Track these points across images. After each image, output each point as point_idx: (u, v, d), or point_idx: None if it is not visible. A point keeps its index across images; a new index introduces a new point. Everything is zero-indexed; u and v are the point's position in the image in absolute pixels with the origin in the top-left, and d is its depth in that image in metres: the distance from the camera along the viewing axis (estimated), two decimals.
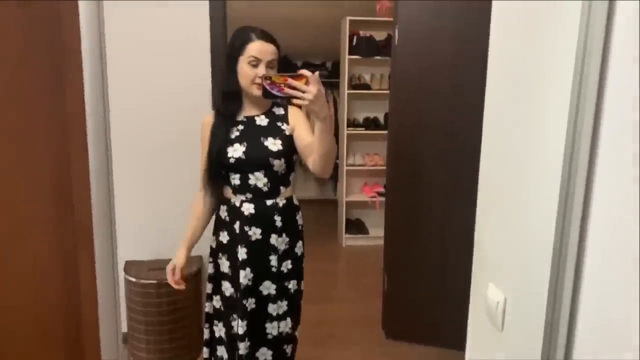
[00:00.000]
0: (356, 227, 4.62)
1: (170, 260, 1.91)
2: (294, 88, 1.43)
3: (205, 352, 1.93)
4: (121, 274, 2.53)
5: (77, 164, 0.74)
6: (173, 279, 1.82)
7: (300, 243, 1.85)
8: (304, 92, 1.42)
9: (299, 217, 1.86)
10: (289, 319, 1.83)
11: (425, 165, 2.75)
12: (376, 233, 4.39)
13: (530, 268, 0.96)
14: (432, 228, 2.76)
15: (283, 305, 1.81)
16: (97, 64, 0.77)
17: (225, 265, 1.83)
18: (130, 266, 2.59)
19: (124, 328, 2.60)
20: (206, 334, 1.92)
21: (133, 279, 2.48)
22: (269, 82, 1.46)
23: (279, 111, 1.80)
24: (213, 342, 1.91)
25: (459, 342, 1.63)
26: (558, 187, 0.83)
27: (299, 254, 1.85)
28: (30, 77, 0.72)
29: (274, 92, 1.46)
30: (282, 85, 1.44)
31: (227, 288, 1.82)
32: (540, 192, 0.92)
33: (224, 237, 1.82)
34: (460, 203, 2.62)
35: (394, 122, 2.85)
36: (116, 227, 2.02)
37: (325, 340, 2.85)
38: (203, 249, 2.77)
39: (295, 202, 1.86)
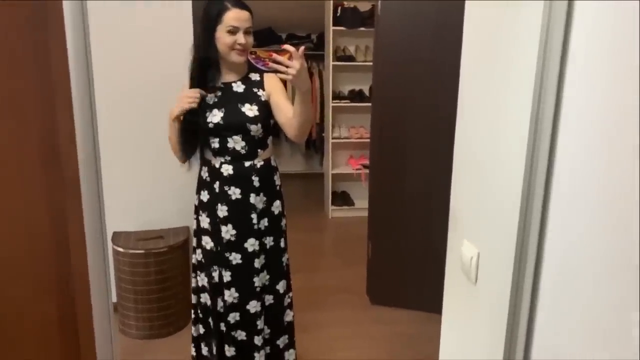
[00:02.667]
0: (342, 199, 4.67)
1: (157, 231, 1.89)
2: (278, 62, 1.50)
3: (194, 298, 2.06)
4: (109, 245, 2.56)
5: (63, 122, 0.76)
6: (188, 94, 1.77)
7: (278, 202, 1.95)
8: (287, 66, 1.50)
9: (277, 178, 1.96)
10: (265, 271, 1.96)
11: (408, 134, 2.79)
12: (362, 204, 4.45)
13: (500, 224, 1.02)
14: (416, 196, 2.82)
15: (261, 259, 1.94)
16: (80, 24, 0.78)
17: (205, 221, 1.93)
18: (117, 237, 2.62)
19: (114, 298, 2.65)
20: (193, 283, 2.05)
21: (121, 249, 2.52)
22: (254, 56, 1.53)
23: (255, 77, 1.87)
24: (196, 292, 2.04)
25: (441, 306, 1.70)
26: (525, 150, 0.88)
27: (276, 212, 1.95)
28: (15, 41, 0.74)
29: (259, 66, 1.54)
30: (267, 60, 1.51)
31: (208, 242, 1.93)
32: (509, 154, 0.97)
33: (205, 196, 1.91)
34: (442, 171, 2.67)
35: (377, 93, 2.87)
36: (104, 199, 2.10)
37: (312, 306, 2.93)
38: (190, 221, 2.81)
39: (273, 163, 1.95)
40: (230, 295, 1.91)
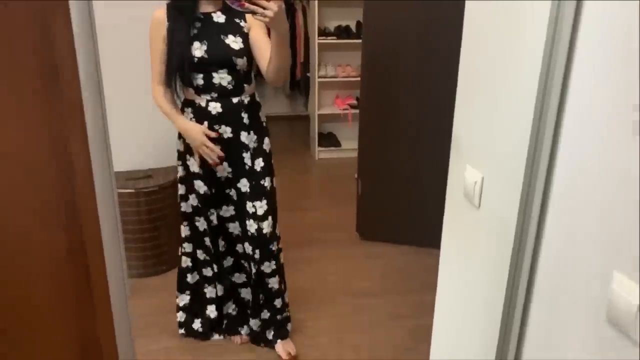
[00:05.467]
0: (328, 140, 4.65)
1: (145, 170, 1.82)
2: (255, 4, 1.44)
3: (188, 246, 2.02)
4: None
5: (61, 32, 0.71)
6: (208, 138, 1.77)
7: (267, 140, 1.91)
8: (265, 8, 1.44)
9: (262, 114, 1.90)
10: (270, 218, 1.89)
11: (399, 69, 2.74)
12: (348, 145, 4.45)
13: (507, 148, 1.01)
14: (406, 133, 2.81)
15: (263, 205, 1.87)
16: None
17: (195, 165, 1.85)
18: None
19: None
20: (185, 232, 2.00)
21: None
22: None
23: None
24: (197, 236, 1.99)
25: (429, 240, 1.73)
26: (537, 74, 0.85)
27: (268, 150, 1.90)
28: None
29: (234, 6, 1.47)
30: (243, 0, 1.45)
31: (200, 186, 1.87)
32: (520, 78, 0.94)
33: None
34: (434, 108, 2.66)
35: (368, 28, 2.78)
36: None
37: (303, 243, 2.97)
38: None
39: (258, 99, 1.89)
40: (234, 227, 1.95)
